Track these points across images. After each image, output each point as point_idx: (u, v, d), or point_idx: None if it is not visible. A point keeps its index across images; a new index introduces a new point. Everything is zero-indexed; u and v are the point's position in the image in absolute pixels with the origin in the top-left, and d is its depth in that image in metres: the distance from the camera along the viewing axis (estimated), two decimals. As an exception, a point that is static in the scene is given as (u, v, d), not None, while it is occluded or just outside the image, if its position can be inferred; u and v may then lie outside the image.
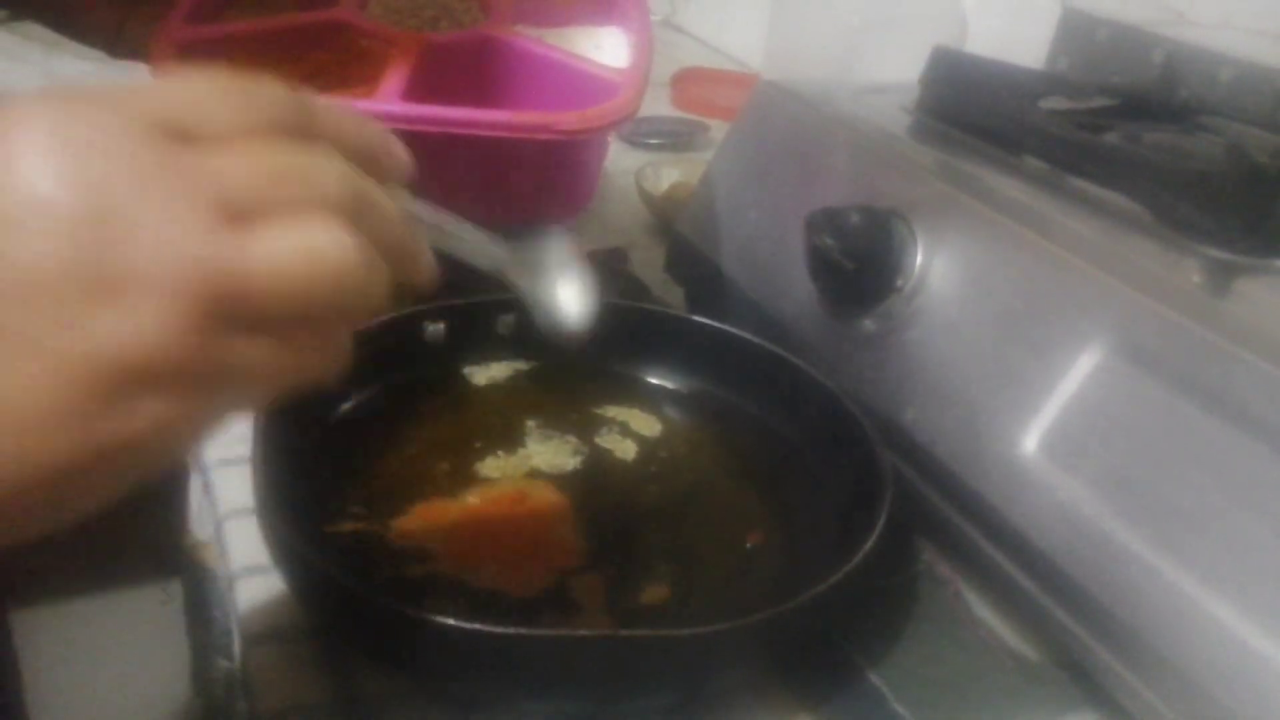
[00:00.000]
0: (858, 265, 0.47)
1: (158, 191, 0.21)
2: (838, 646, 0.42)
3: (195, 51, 0.55)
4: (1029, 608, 0.41)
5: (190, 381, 0.22)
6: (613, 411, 0.52)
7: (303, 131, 0.24)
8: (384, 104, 0.53)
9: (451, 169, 0.56)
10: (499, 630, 0.31)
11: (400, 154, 0.28)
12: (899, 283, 0.47)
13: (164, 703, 0.57)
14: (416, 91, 0.55)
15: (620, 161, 0.87)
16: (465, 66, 0.59)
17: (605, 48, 0.62)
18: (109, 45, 0.62)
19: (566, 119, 0.55)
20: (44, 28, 1.09)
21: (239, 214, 0.22)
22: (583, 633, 0.33)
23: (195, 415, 0.23)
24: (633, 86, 0.57)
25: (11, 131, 0.21)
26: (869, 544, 0.39)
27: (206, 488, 0.48)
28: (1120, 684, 0.37)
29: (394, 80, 0.55)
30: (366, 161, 0.26)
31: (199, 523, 0.48)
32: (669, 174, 0.80)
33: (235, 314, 0.22)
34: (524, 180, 0.58)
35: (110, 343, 0.21)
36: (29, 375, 0.21)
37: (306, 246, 0.23)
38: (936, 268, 0.47)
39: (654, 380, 0.54)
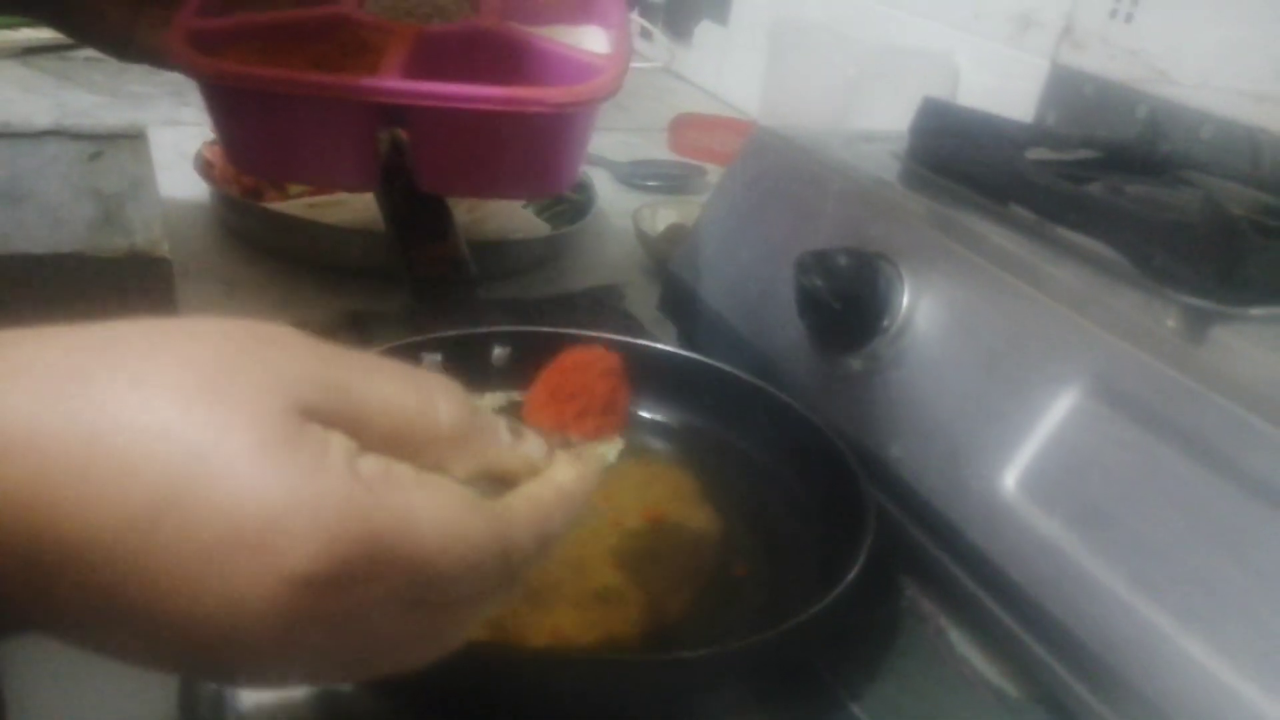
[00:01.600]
0: (845, 305, 0.48)
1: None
2: (820, 679, 0.43)
3: (205, 41, 0.58)
4: (1008, 643, 0.42)
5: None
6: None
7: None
8: (384, 81, 0.56)
9: (445, 146, 0.60)
10: (474, 649, 0.32)
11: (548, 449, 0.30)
12: (885, 323, 0.48)
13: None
14: (413, 75, 0.57)
15: (618, 203, 0.88)
16: (458, 54, 0.62)
17: (585, 44, 0.65)
18: (119, 49, 0.64)
19: (556, 94, 0.57)
20: (56, 60, 1.11)
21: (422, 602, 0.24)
22: (565, 655, 0.33)
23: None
24: (615, 68, 0.60)
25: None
26: (850, 576, 0.39)
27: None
28: (1096, 718, 0.38)
29: (392, 63, 0.57)
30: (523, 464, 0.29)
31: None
32: (665, 215, 0.81)
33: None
34: (514, 156, 0.61)
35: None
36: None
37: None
38: (922, 309, 0.48)
39: (645, 414, 0.55)
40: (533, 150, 0.61)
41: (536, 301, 0.69)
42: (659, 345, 0.61)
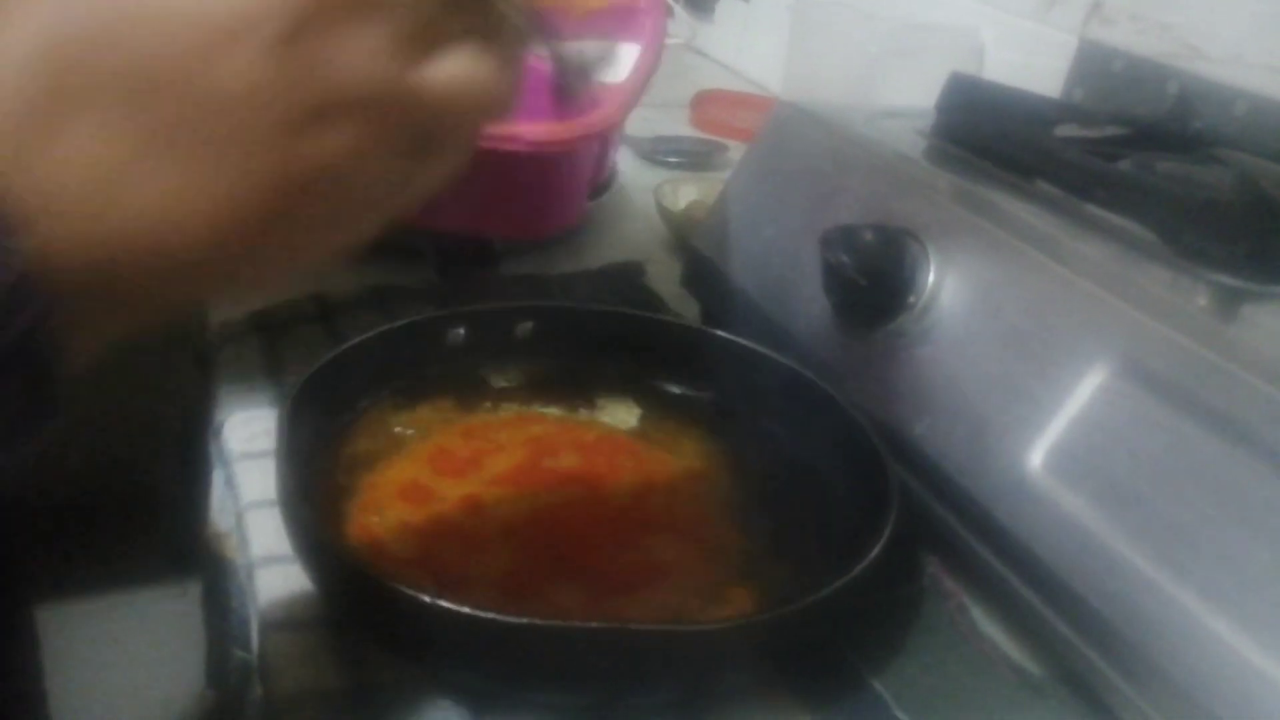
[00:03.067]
0: (871, 282, 0.48)
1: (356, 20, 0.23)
2: (842, 654, 0.43)
3: None
4: (1032, 621, 0.42)
5: (373, 115, 0.24)
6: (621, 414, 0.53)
7: None
8: None
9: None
10: (505, 619, 0.32)
11: None
12: (911, 300, 0.48)
13: (179, 694, 0.58)
14: None
15: (639, 179, 0.88)
16: None
17: (620, 63, 0.62)
18: None
19: (535, 130, 0.53)
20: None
21: (413, 41, 0.24)
22: (590, 624, 0.33)
23: (374, 159, 0.24)
24: (615, 103, 0.56)
25: None
26: (873, 554, 0.39)
27: (229, 480, 0.49)
28: (1120, 698, 0.38)
29: None
30: None
31: (220, 515, 0.49)
32: (687, 192, 0.81)
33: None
34: (492, 194, 0.55)
35: (310, 76, 0.23)
36: (236, 105, 0.22)
37: (469, 78, 0.25)
38: (948, 286, 0.48)
39: (667, 388, 0.55)
40: (515, 189, 0.56)
41: (558, 277, 0.69)
42: (682, 321, 0.61)
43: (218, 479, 0.50)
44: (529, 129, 0.53)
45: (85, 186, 0.22)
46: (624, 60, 0.63)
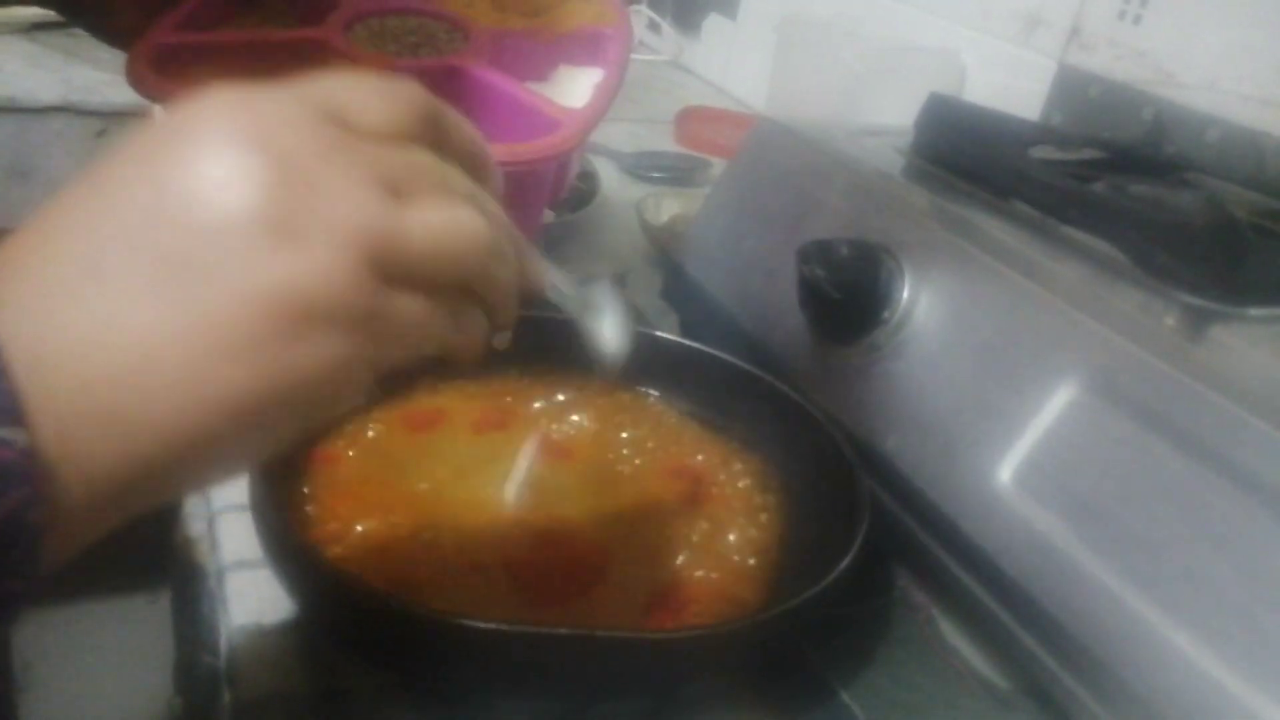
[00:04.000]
0: (845, 296, 0.48)
1: (337, 162, 0.25)
2: (810, 664, 0.43)
3: (176, 58, 0.56)
4: (999, 635, 0.42)
5: (358, 322, 0.25)
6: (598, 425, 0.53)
7: (435, 132, 0.28)
8: None
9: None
10: (473, 624, 0.32)
11: (497, 171, 0.32)
12: (885, 315, 0.49)
13: (148, 700, 0.58)
14: None
15: (622, 192, 0.89)
16: None
17: (579, 89, 0.62)
18: (129, 46, 0.63)
19: (494, 151, 0.53)
20: (63, 36, 1.11)
21: (396, 190, 0.25)
22: (558, 630, 0.34)
23: (362, 355, 0.25)
24: (572, 127, 0.56)
25: (207, 111, 0.24)
26: (843, 565, 0.40)
27: (201, 483, 0.49)
28: (1085, 712, 0.38)
29: None
30: (476, 170, 0.30)
31: (191, 520, 0.49)
32: (669, 206, 0.81)
33: (395, 266, 0.25)
34: None
35: (290, 280, 0.23)
36: (218, 306, 0.23)
37: (453, 218, 0.27)
38: (922, 302, 0.48)
39: (645, 400, 0.55)
40: None
41: (538, 288, 0.69)
42: (660, 333, 0.61)
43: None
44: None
45: (106, 367, 0.22)
46: (586, 84, 0.63)
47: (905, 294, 0.48)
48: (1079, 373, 0.41)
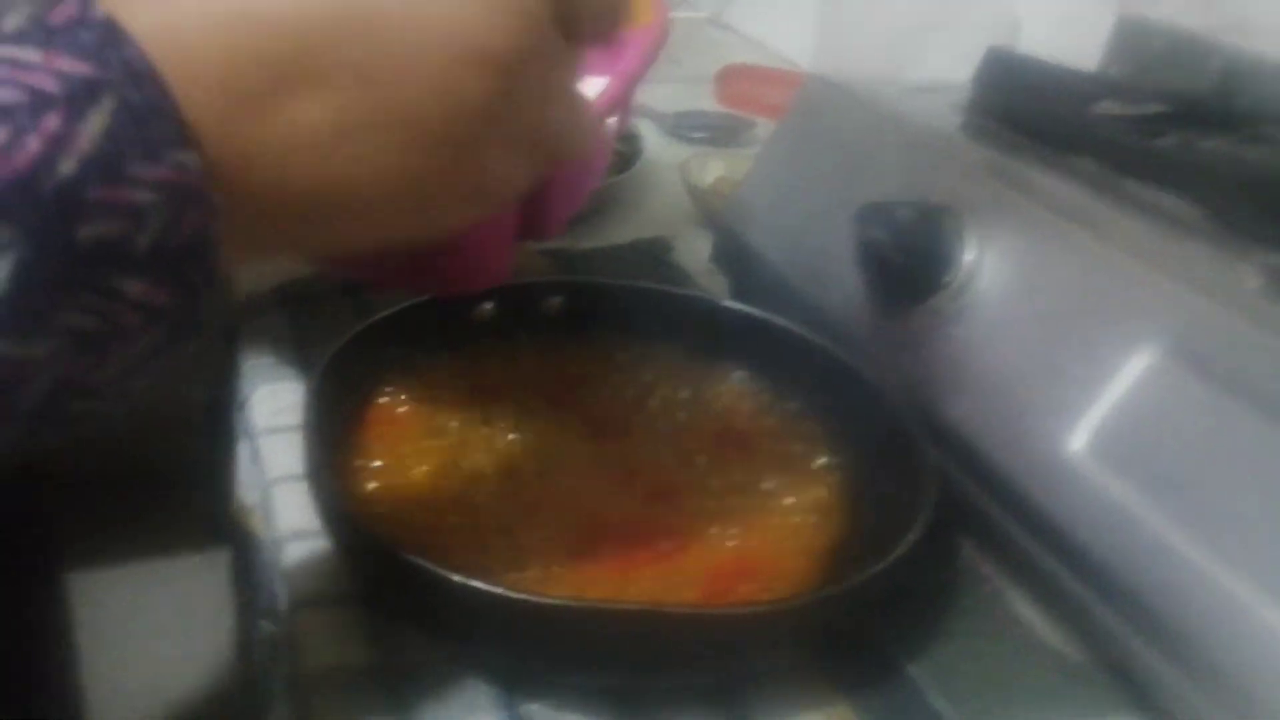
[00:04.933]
0: (907, 259, 0.47)
1: None
2: (875, 640, 0.42)
3: None
4: (1073, 607, 0.41)
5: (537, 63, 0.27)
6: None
7: None
8: None
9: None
10: (537, 600, 0.32)
11: None
12: (947, 278, 0.47)
13: (208, 665, 0.59)
14: None
15: (665, 155, 0.87)
16: None
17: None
18: None
19: None
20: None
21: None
22: (623, 605, 0.33)
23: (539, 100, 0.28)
24: (603, 97, 0.53)
25: None
26: (911, 538, 0.39)
27: (254, 455, 0.48)
28: (1166, 687, 0.37)
29: None
30: None
31: (246, 490, 0.49)
32: (714, 168, 0.80)
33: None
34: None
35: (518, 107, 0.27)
36: (460, 114, 0.25)
37: None
38: (986, 264, 0.46)
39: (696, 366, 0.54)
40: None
41: (583, 253, 0.68)
42: (710, 297, 0.60)
43: (243, 453, 0.50)
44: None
45: (289, 150, 0.24)
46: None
47: (968, 256, 0.47)
48: (1156, 336, 0.40)
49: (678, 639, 0.34)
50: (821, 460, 0.49)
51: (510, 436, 0.47)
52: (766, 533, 0.45)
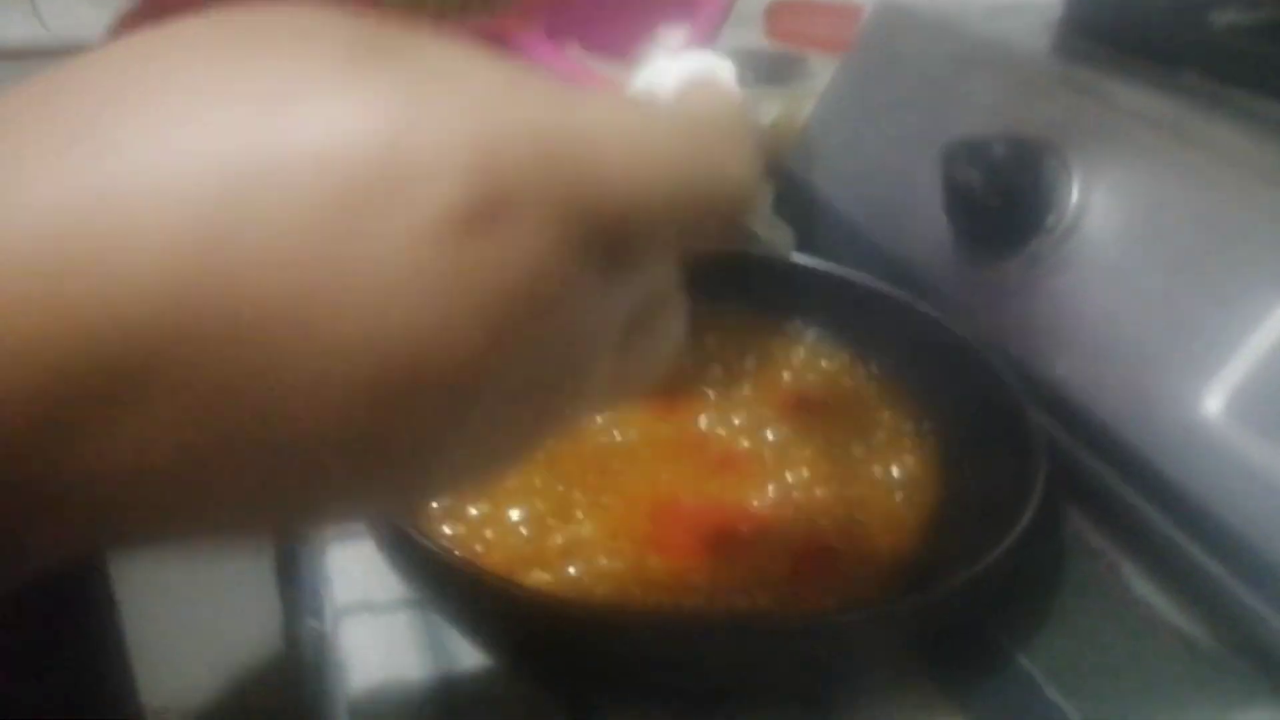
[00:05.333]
0: (1003, 202, 0.42)
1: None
2: (980, 626, 0.38)
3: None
4: (1204, 586, 0.37)
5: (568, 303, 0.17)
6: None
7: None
8: None
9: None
10: (622, 615, 0.28)
11: None
12: (1050, 221, 0.42)
13: (259, 653, 0.57)
14: None
15: (715, 97, 0.82)
16: None
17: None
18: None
19: None
20: None
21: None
22: (703, 618, 0.29)
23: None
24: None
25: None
26: (1024, 520, 0.34)
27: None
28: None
29: None
30: None
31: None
32: (769, 109, 0.74)
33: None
34: None
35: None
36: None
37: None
38: (1095, 204, 0.41)
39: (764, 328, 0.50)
40: None
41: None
42: (776, 252, 0.55)
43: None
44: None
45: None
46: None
47: (1074, 195, 0.41)
48: (1303, 279, 0.35)
49: (768, 651, 0.30)
50: (910, 426, 0.44)
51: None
52: (853, 509, 0.41)
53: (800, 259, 0.50)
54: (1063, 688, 0.36)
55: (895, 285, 0.47)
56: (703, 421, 0.44)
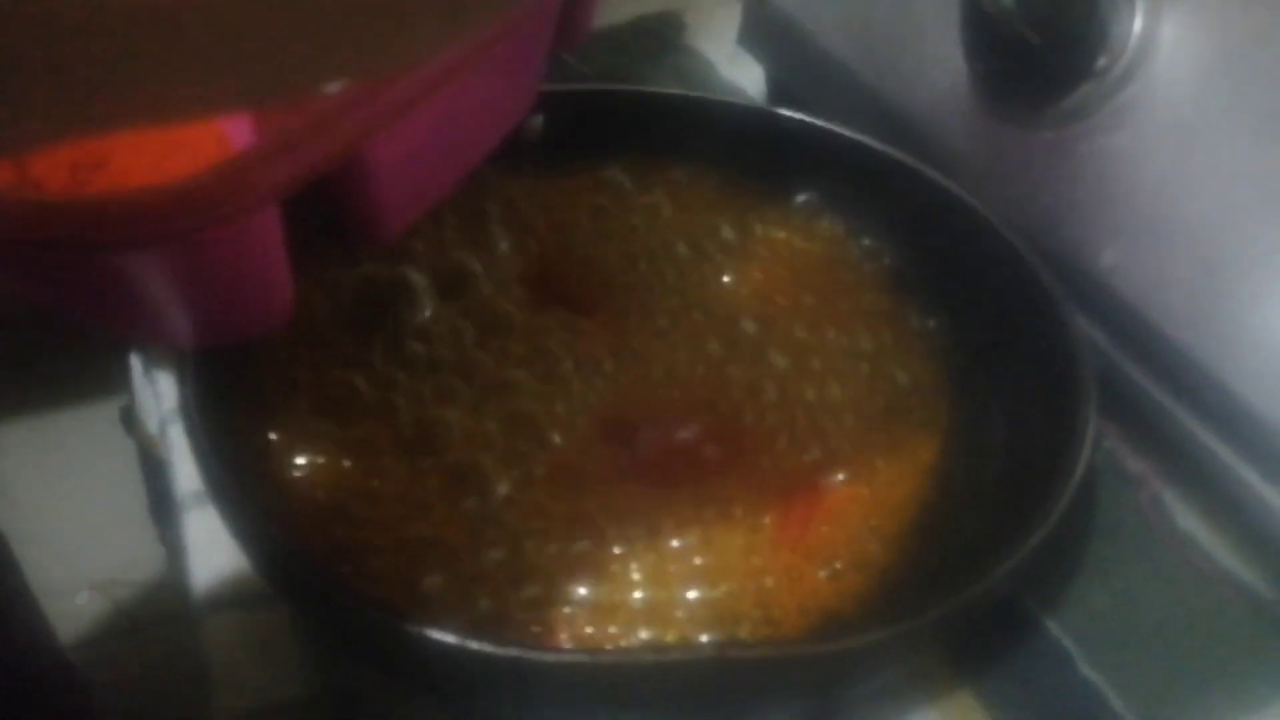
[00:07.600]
0: (1044, 39, 0.32)
1: None
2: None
3: None
4: (1270, 525, 0.30)
5: None
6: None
7: None
8: None
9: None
10: (568, 658, 0.21)
11: None
12: (1101, 63, 0.32)
13: (129, 530, 0.52)
14: None
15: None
16: None
17: None
18: None
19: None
20: None
21: None
22: (675, 656, 0.22)
23: None
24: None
25: None
26: (1070, 489, 0.27)
27: (151, 383, 0.36)
28: None
29: None
30: None
31: (146, 417, 0.37)
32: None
33: None
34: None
35: None
36: None
37: None
38: (1162, 42, 0.32)
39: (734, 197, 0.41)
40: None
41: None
42: (740, 100, 0.45)
43: (134, 366, 0.38)
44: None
45: None
46: None
47: (1136, 28, 0.32)
48: None
49: (764, 681, 0.22)
50: (916, 324, 0.36)
51: (478, 352, 0.34)
52: (853, 433, 0.33)
53: (782, 112, 0.40)
54: (1099, 663, 0.30)
55: (896, 145, 0.37)
56: (659, 322, 0.36)
